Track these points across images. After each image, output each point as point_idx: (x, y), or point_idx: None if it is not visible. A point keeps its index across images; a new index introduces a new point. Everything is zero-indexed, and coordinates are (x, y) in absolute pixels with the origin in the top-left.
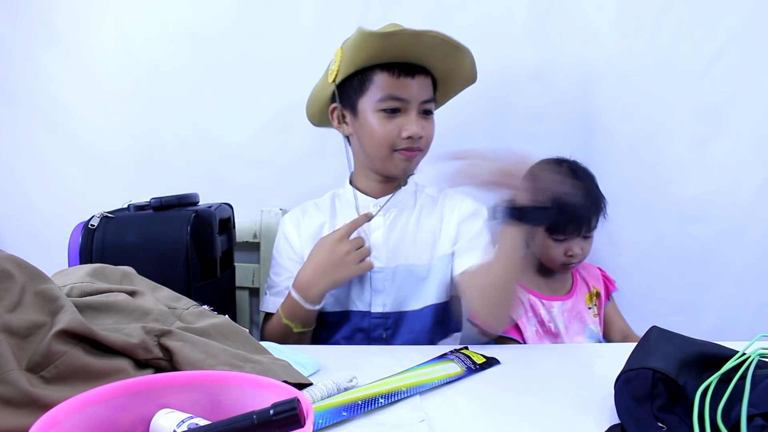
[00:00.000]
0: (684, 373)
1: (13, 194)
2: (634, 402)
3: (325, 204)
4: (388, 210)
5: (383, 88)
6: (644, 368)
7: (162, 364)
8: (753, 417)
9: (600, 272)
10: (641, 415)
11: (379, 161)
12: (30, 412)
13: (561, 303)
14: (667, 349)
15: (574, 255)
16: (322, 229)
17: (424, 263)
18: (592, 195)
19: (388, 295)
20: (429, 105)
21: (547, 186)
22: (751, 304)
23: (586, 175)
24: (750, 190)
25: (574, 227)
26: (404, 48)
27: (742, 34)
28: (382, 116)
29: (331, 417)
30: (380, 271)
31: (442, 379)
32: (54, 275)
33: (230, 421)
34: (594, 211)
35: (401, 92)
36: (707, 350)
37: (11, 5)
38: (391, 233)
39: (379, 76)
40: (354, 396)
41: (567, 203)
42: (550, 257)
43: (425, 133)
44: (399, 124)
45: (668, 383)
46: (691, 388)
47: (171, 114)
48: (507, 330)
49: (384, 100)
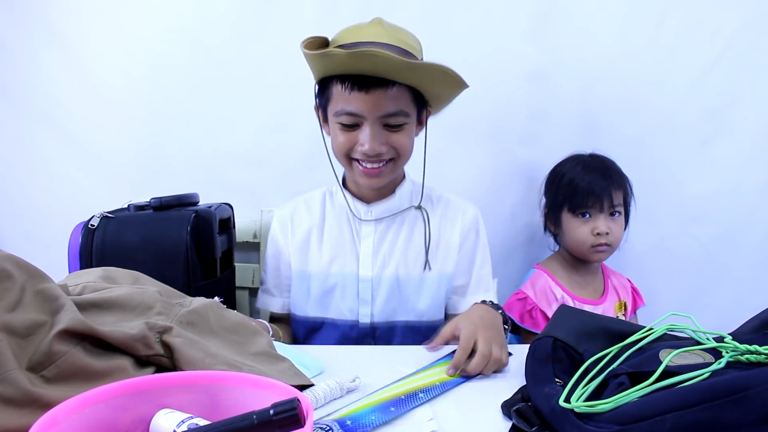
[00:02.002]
0: (586, 343)
1: (13, 194)
2: (536, 363)
3: (315, 203)
4: (380, 219)
5: (338, 100)
6: (546, 336)
7: (163, 361)
8: (619, 375)
9: (630, 284)
10: (541, 373)
11: (346, 169)
12: (30, 412)
13: (593, 307)
14: (570, 322)
15: (600, 233)
16: (310, 236)
17: (416, 274)
18: (610, 170)
19: (377, 305)
20: (394, 118)
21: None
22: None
23: (605, 158)
24: (751, 191)
25: (594, 199)
26: (348, 65)
27: (744, 34)
28: (340, 128)
29: (381, 414)
30: (368, 281)
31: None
32: (67, 277)
33: (230, 421)
34: (613, 185)
35: (354, 107)
36: (613, 326)
37: (10, 5)
38: (382, 242)
39: (335, 88)
40: (395, 393)
41: (583, 179)
42: (578, 240)
43: (386, 147)
44: (354, 137)
45: (568, 350)
46: (589, 354)
47: (171, 114)
48: (538, 326)
49: (338, 114)
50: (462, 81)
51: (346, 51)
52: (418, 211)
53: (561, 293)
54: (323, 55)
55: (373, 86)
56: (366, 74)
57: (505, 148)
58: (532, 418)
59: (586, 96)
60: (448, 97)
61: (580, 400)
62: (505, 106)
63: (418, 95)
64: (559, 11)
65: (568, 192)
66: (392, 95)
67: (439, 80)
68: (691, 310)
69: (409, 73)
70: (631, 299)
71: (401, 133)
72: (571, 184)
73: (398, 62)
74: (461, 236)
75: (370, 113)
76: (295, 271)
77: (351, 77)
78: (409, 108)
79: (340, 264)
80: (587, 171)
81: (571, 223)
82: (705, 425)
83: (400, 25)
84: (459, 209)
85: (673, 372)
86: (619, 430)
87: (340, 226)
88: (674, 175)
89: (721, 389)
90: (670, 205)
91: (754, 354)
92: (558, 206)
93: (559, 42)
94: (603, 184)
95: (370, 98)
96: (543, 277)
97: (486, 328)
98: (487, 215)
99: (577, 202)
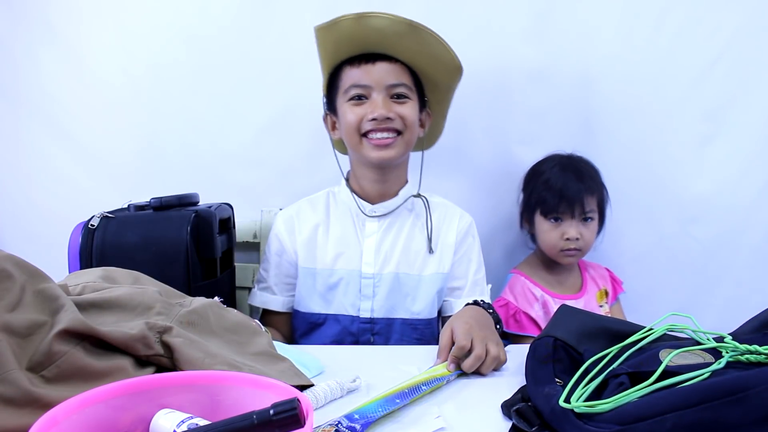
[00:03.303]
0: (586, 343)
1: (13, 194)
2: (536, 363)
3: (320, 203)
4: (384, 217)
5: (348, 79)
6: (546, 336)
7: (163, 361)
8: (619, 375)
9: (608, 273)
10: (541, 373)
11: (355, 152)
12: (30, 412)
13: (574, 301)
14: (571, 322)
15: (570, 238)
16: (316, 231)
17: (415, 273)
18: (585, 175)
19: (377, 300)
20: (399, 89)
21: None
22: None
23: (583, 161)
24: (751, 191)
25: (565, 205)
26: (355, 35)
27: (744, 34)
28: (350, 105)
29: (386, 405)
30: (371, 277)
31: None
32: (67, 277)
33: (230, 421)
34: (586, 191)
35: (363, 79)
36: (614, 326)
37: (10, 5)
38: (384, 240)
39: (345, 70)
40: (398, 388)
41: (557, 182)
42: (548, 243)
43: (394, 114)
44: (365, 109)
45: (569, 350)
46: (589, 354)
47: (171, 114)
48: (525, 329)
49: (349, 89)
50: (456, 60)
51: (353, 14)
52: (420, 210)
53: (540, 292)
54: (333, 24)
55: (378, 60)
56: (371, 50)
57: (504, 148)
58: (532, 418)
59: (586, 96)
60: (446, 86)
61: (580, 400)
62: (505, 106)
63: (418, 84)
64: (559, 11)
65: (541, 195)
66: (396, 70)
67: (434, 49)
68: (691, 310)
69: (410, 38)
70: (611, 287)
71: (406, 105)
72: (545, 185)
73: (401, 20)
74: (457, 237)
75: (377, 83)
76: (301, 268)
77: (358, 56)
78: (411, 85)
79: (345, 260)
80: (562, 173)
81: (542, 225)
82: (705, 425)
83: None
84: (455, 213)
85: (673, 372)
86: (619, 430)
87: (345, 223)
88: (673, 175)
89: (721, 389)
90: (670, 205)
91: (754, 354)
92: (531, 207)
93: (559, 42)
94: (576, 188)
95: (376, 69)
96: (520, 280)
97: (480, 328)
98: (486, 215)
99: (549, 207)
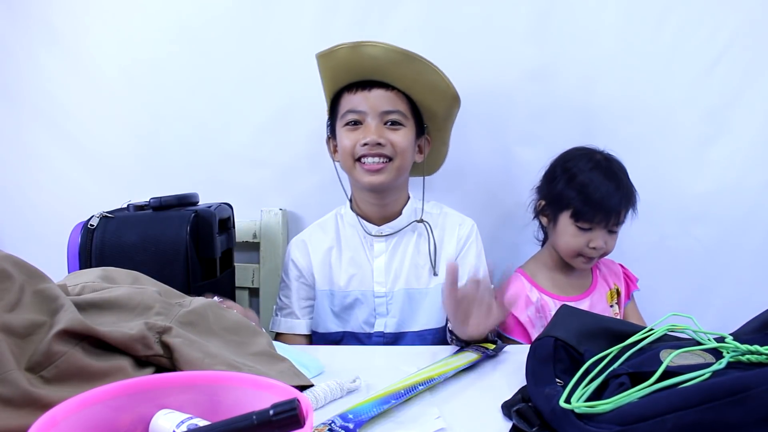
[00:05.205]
0: (586, 344)
1: (13, 194)
2: (537, 363)
3: (329, 226)
4: (390, 237)
5: (345, 104)
6: (547, 336)
7: (162, 361)
8: (620, 375)
9: (622, 269)
10: (541, 374)
11: (351, 176)
12: (30, 412)
13: (576, 304)
14: (572, 322)
15: (596, 248)
16: (330, 254)
17: (422, 287)
18: (624, 186)
19: (392, 317)
20: (393, 116)
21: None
22: (753, 305)
23: (620, 166)
24: (752, 191)
25: (601, 217)
26: (352, 63)
27: (745, 34)
28: (346, 130)
29: (381, 405)
30: (383, 296)
31: (465, 365)
32: (67, 277)
33: (230, 421)
34: (624, 204)
35: (358, 105)
36: (614, 326)
37: (10, 5)
38: (392, 259)
39: (344, 96)
40: (394, 388)
41: (597, 190)
42: (570, 246)
43: (385, 140)
44: (359, 134)
45: (569, 351)
46: (590, 355)
47: (171, 114)
48: (512, 332)
49: (345, 114)
50: (452, 89)
51: (349, 43)
52: (423, 228)
53: (537, 296)
54: (330, 52)
55: (375, 87)
56: (368, 77)
57: (504, 148)
58: (533, 418)
59: (586, 96)
60: (443, 115)
61: (581, 401)
62: (505, 106)
63: (416, 111)
64: (559, 11)
65: (576, 199)
66: (391, 97)
67: (429, 77)
68: (692, 310)
69: (405, 67)
70: (623, 284)
71: (399, 132)
72: (581, 190)
73: (395, 49)
74: (457, 246)
75: (372, 109)
76: (319, 290)
77: (356, 83)
78: (406, 112)
79: (358, 281)
80: (602, 180)
81: (567, 228)
82: (706, 425)
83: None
84: (455, 222)
85: (674, 372)
86: (620, 430)
87: (355, 245)
88: (674, 175)
89: (722, 389)
90: (670, 205)
91: (755, 354)
92: (559, 206)
93: (559, 42)
94: (617, 200)
95: (371, 96)
96: (518, 282)
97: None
98: (486, 216)
99: (584, 215)
